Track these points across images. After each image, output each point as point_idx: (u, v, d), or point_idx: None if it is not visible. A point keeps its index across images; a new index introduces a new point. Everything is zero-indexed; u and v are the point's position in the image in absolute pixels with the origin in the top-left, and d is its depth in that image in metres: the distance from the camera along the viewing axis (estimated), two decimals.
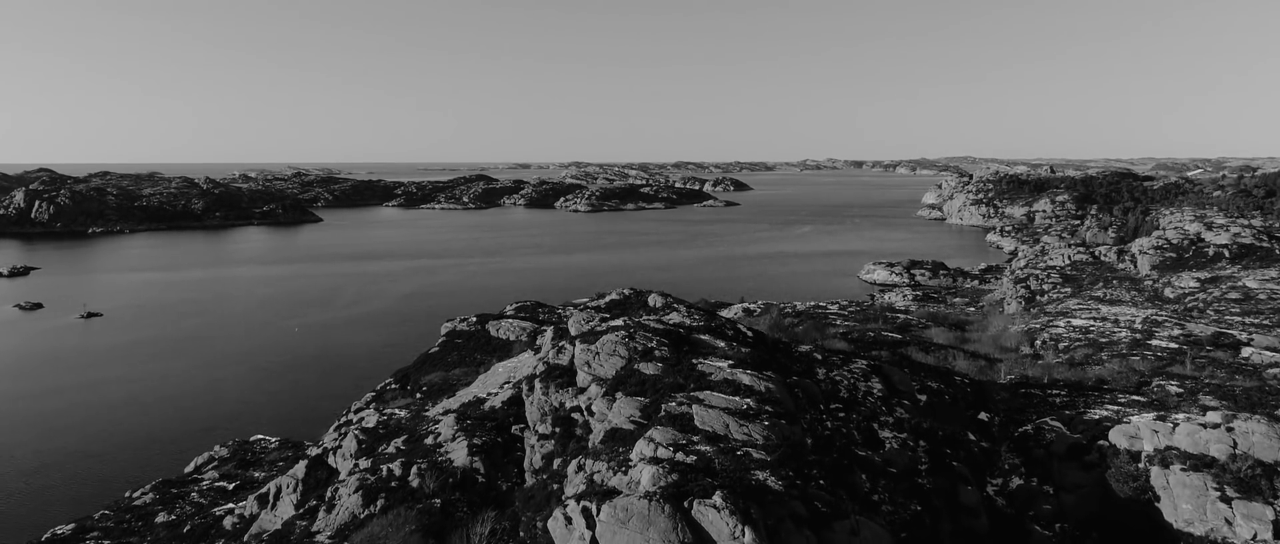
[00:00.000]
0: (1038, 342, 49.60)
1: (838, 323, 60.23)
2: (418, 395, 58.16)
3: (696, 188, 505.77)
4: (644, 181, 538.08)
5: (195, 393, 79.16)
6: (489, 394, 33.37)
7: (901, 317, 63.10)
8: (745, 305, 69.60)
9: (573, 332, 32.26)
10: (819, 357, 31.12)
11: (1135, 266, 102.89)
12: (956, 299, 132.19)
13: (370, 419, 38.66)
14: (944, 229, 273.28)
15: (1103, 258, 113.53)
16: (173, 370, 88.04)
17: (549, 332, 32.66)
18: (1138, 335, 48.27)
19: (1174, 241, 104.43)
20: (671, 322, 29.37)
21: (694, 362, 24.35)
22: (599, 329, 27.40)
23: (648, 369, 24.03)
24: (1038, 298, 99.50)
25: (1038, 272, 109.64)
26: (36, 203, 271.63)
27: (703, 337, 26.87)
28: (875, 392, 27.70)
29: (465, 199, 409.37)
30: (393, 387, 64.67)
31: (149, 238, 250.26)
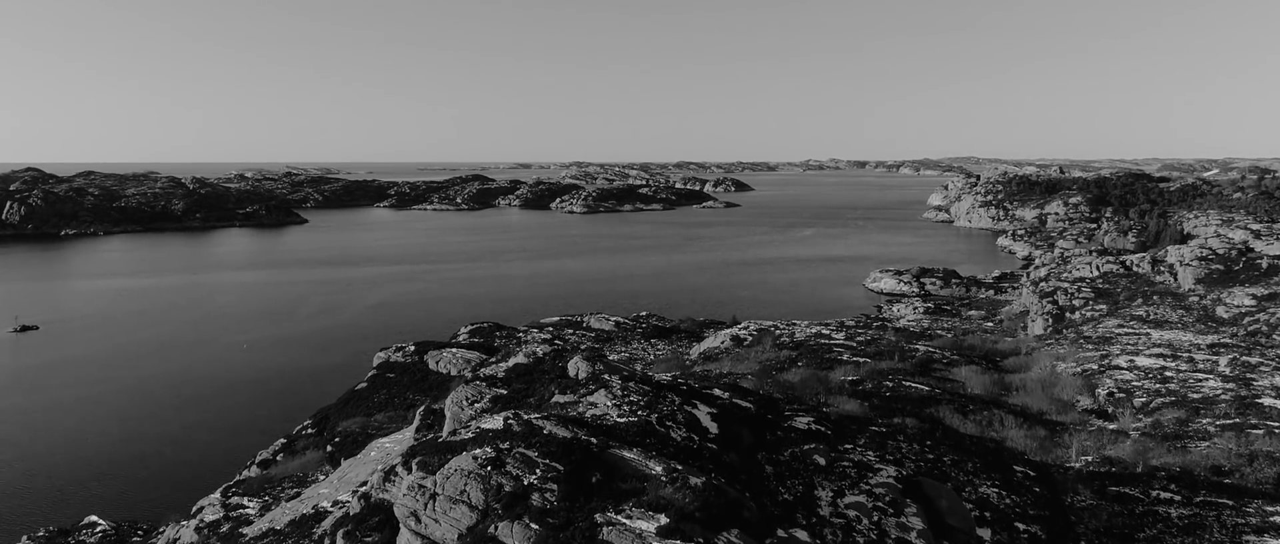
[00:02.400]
0: (1102, 392, 38.77)
1: (845, 357, 49.39)
2: (329, 448, 47.53)
3: (696, 188, 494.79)
4: (644, 182, 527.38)
5: (95, 429, 68.31)
6: (335, 503, 22.98)
7: (920, 348, 52.30)
8: (735, 332, 58.90)
9: (448, 423, 21.83)
10: (821, 460, 20.34)
11: (1176, 279, 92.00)
12: (972, 312, 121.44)
13: (208, 512, 28.25)
14: (952, 232, 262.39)
15: (1135, 268, 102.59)
16: (84, 399, 77.35)
17: (416, 418, 22.35)
18: (1235, 387, 37.47)
19: (1220, 252, 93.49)
20: (589, 413, 18.66)
21: (597, 518, 13.60)
22: (459, 436, 16.84)
23: (512, 537, 13.27)
24: (1068, 315, 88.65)
25: (1066, 284, 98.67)
26: (8, 204, 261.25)
27: (628, 454, 16.08)
28: (913, 538, 16.87)
29: (459, 200, 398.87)
30: (309, 431, 54.05)
31: (123, 240, 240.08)
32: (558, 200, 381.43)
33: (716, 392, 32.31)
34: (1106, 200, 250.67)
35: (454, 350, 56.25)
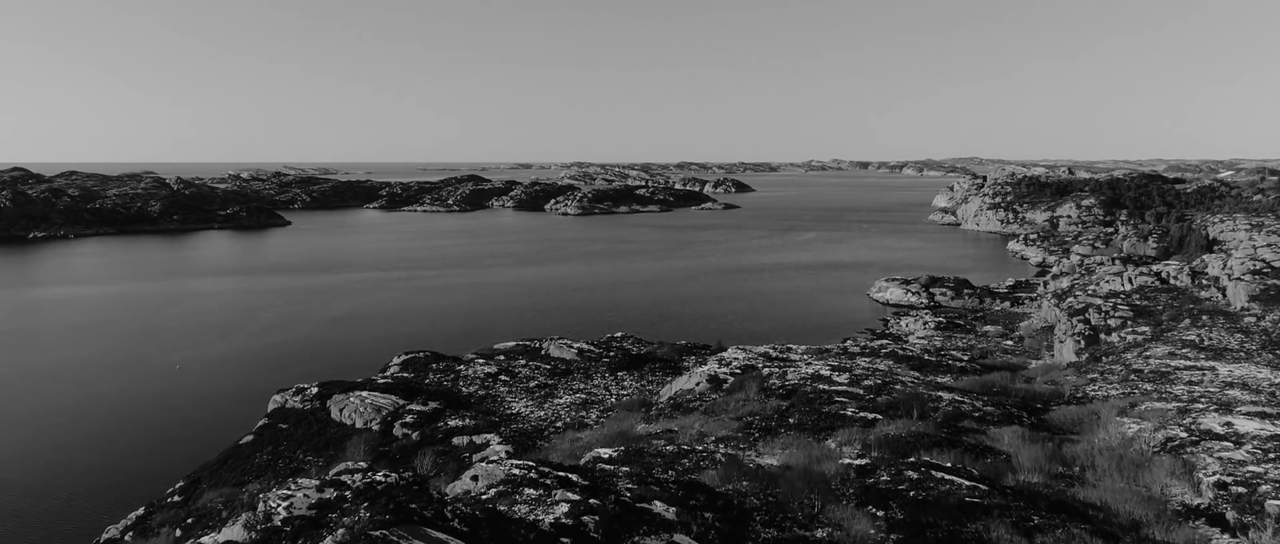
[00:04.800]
0: (1208, 481, 27.90)
1: (849, 412, 38.58)
2: (178, 531, 36.78)
3: (696, 189, 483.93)
4: (642, 182, 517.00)
5: None
6: None
7: (944, 397, 41.43)
8: (715, 371, 48.00)
9: None
10: None
11: (1224, 295, 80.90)
12: (988, 327, 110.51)
13: None
14: (959, 236, 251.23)
15: (1174, 281, 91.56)
16: None
17: None
18: None
19: (1275, 264, 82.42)
20: None
21: None
22: None
23: None
24: (1103, 337, 77.68)
25: (1098, 301, 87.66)
26: None
27: None
28: None
29: (451, 201, 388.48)
30: (175, 499, 43.23)
31: (94, 244, 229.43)
32: (552, 202, 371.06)
33: (656, 506, 21.52)
34: (1120, 203, 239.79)
35: (363, 395, 45.43)
